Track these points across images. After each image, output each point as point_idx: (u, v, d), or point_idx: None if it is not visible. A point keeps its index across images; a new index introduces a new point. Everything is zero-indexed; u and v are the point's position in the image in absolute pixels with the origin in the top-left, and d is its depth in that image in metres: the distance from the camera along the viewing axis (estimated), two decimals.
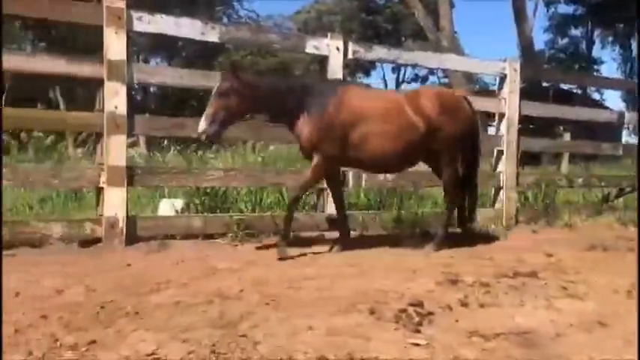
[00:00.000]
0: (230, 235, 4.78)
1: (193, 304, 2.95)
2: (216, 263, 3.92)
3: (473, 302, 3.11)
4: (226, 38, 4.86)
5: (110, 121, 4.29)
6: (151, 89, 31.47)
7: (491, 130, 6.81)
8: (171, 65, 32.57)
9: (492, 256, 4.31)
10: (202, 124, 3.95)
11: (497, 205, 6.30)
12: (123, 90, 4.34)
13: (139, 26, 4.44)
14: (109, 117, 4.29)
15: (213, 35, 4.75)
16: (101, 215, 4.33)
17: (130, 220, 4.41)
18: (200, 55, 32.24)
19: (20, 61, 4.27)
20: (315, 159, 4.25)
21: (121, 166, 4.34)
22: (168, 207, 5.31)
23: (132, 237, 4.39)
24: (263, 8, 53.71)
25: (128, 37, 4.39)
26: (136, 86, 4.77)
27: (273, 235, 4.80)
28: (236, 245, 4.66)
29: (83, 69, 4.33)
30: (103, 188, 4.33)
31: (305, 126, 4.20)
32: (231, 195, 5.55)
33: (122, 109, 4.33)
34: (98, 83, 4.38)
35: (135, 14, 4.42)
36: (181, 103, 28.16)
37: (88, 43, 25.34)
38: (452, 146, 4.56)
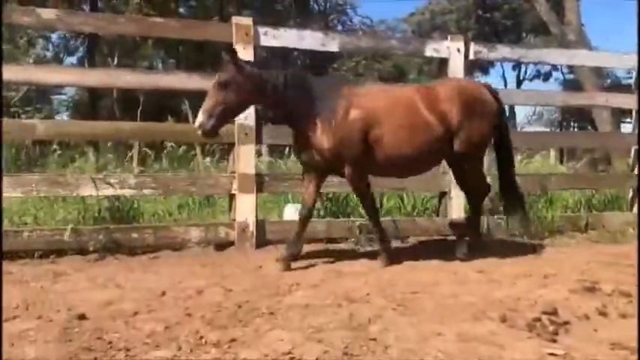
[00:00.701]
0: (352, 239, 4.88)
1: (323, 306, 3.06)
2: (341, 267, 4.02)
3: (612, 312, 2.94)
4: (347, 47, 4.98)
5: (240, 132, 4.56)
6: None
7: (627, 128, 6.33)
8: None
9: (632, 263, 4.02)
10: (200, 118, 3.72)
11: (635, 209, 5.84)
12: None
13: (264, 41, 4.68)
14: (239, 128, 4.55)
15: (333, 45, 4.88)
16: (234, 220, 4.60)
17: (260, 225, 4.65)
18: (314, 62, 33.00)
19: (156, 79, 4.67)
20: (346, 169, 3.98)
21: (251, 173, 4.59)
22: (292, 211, 5.51)
23: (261, 240, 4.63)
24: (376, 12, 53.80)
25: (255, 52, 4.63)
26: None
27: (394, 239, 4.82)
28: (359, 249, 4.74)
29: None
30: (234, 195, 4.60)
31: (323, 137, 3.86)
32: (352, 200, 5.65)
33: (250, 120, 4.58)
34: None
35: (261, 29, 4.66)
36: None
37: (211, 58, 26.90)
38: (476, 143, 4.17)
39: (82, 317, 2.85)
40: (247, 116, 4.56)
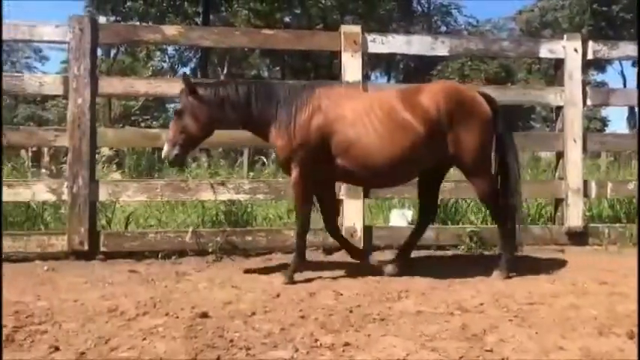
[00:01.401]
0: (461, 246, 4.78)
1: (435, 314, 3.03)
2: (451, 274, 3.95)
3: None
4: (457, 50, 4.90)
5: None
6: None
7: None
8: (389, 79, 33.58)
9: None
10: (165, 149, 3.79)
11: None
12: None
13: (373, 47, 4.73)
14: None
15: (443, 49, 4.83)
16: (341, 225, 4.67)
17: (367, 230, 4.68)
18: (417, 65, 32.62)
19: None
20: (292, 172, 3.81)
21: None
22: (399, 217, 5.50)
23: (368, 245, 4.65)
24: (481, 11, 52.21)
25: (363, 59, 4.68)
26: None
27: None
28: (466, 257, 4.64)
29: None
30: (342, 200, 4.67)
31: (277, 137, 3.79)
32: (462, 207, 5.53)
33: None
34: None
35: (369, 37, 4.71)
36: None
37: (315, 65, 27.40)
38: (473, 150, 3.79)
39: (204, 315, 3.03)
40: None
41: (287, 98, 3.80)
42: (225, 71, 27.58)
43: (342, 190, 4.65)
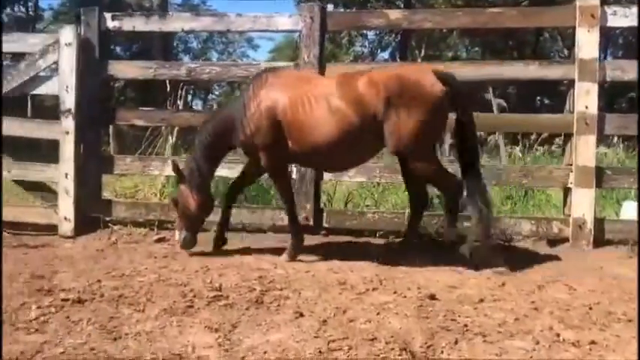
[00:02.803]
0: None
1: None
2: None
3: None
4: None
5: (580, 122, 4.26)
6: None
7: None
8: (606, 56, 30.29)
9: None
10: (176, 237, 4.15)
11: None
12: (594, 89, 4.25)
13: (613, 21, 4.28)
14: (579, 117, 4.27)
15: None
16: (568, 215, 4.35)
17: (598, 222, 4.30)
18: None
19: (473, 70, 4.61)
20: (262, 159, 3.93)
21: (590, 166, 4.26)
22: (632, 209, 4.95)
23: (599, 239, 4.27)
24: None
25: (601, 33, 4.26)
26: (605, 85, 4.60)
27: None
28: None
29: (554, 71, 4.45)
30: (570, 189, 4.34)
31: (239, 134, 3.92)
32: None
33: (593, 108, 4.25)
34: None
35: (608, 10, 4.27)
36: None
37: (517, 45, 25.80)
38: (411, 136, 3.57)
39: (432, 297, 3.05)
40: (588, 105, 4.25)
41: (237, 97, 4.00)
42: (422, 54, 27.35)
43: (570, 178, 4.32)
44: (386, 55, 28.10)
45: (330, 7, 4.63)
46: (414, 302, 3.00)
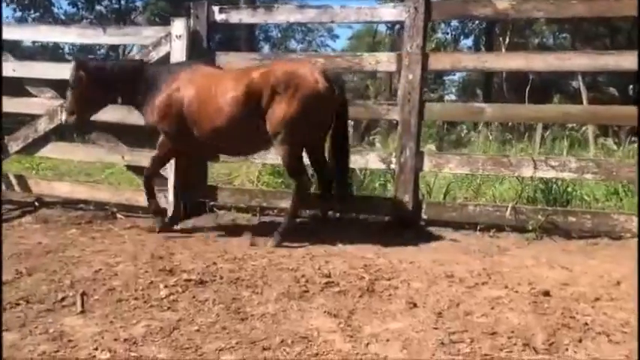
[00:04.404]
0: None
1: None
2: None
3: None
4: None
5: None
6: None
7: None
8: None
9: None
10: (63, 116, 4.52)
11: None
12: None
13: None
14: None
15: None
16: None
17: None
18: None
19: (542, 60, 4.53)
20: (160, 137, 4.42)
21: None
22: None
23: None
24: None
25: None
26: None
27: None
28: None
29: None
30: None
31: (147, 106, 4.34)
32: None
33: None
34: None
35: None
36: None
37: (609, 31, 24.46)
38: (281, 124, 4.00)
39: (546, 294, 3.02)
40: None
41: (156, 81, 4.33)
42: (507, 41, 26.44)
43: None
44: (469, 42, 27.40)
45: None
46: (527, 298, 2.97)
